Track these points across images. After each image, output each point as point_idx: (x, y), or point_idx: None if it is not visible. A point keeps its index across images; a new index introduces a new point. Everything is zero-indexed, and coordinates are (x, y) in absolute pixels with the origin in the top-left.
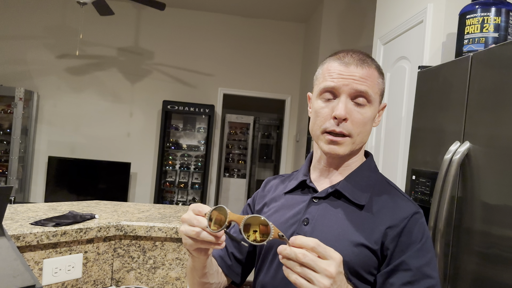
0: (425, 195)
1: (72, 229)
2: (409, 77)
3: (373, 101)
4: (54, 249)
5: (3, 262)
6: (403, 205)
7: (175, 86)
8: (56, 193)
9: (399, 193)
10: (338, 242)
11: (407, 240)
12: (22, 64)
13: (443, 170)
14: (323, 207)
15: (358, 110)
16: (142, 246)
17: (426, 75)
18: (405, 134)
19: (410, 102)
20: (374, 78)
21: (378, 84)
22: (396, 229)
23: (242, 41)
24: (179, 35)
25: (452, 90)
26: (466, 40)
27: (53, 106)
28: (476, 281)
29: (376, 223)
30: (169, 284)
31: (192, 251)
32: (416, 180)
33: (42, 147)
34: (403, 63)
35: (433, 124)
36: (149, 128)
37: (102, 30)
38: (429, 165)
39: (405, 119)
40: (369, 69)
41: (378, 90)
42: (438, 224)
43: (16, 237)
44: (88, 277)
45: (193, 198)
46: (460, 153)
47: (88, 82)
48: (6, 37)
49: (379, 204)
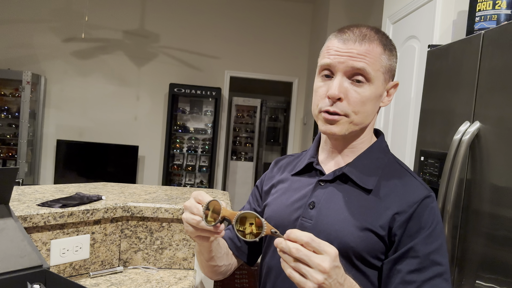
0: (433, 176)
1: (78, 210)
2: (419, 57)
3: (373, 79)
4: (62, 230)
5: (10, 242)
6: (413, 189)
7: (182, 69)
8: (65, 176)
9: (410, 176)
10: (343, 226)
11: (416, 226)
12: (29, 48)
13: (452, 151)
14: (329, 191)
15: (356, 89)
16: (149, 227)
17: (436, 55)
18: (414, 115)
19: (420, 82)
20: (376, 54)
21: (380, 61)
22: (405, 215)
23: (249, 22)
24: (185, 17)
25: (462, 69)
26: (478, 17)
27: (60, 90)
28: (483, 263)
29: (383, 208)
30: (176, 264)
31: (194, 238)
32: (425, 161)
33: (51, 130)
34: (412, 43)
35: (442, 105)
36: (156, 111)
37: (108, 13)
38: (438, 145)
39: (414, 100)
40: (370, 44)
41: (380, 67)
42: (446, 205)
43: (23, 218)
44: (95, 258)
45: (201, 181)
46: (470, 134)
47: (95, 66)
48: (13, 21)
49: (387, 188)
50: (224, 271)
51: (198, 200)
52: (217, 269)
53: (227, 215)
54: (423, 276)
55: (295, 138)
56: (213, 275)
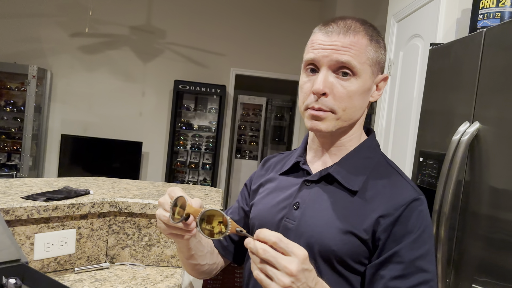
0: (432, 178)
1: (64, 204)
2: (422, 56)
3: (359, 72)
4: (46, 224)
5: None
6: (401, 191)
7: (187, 65)
8: (70, 171)
9: (400, 177)
10: (326, 228)
11: (402, 230)
12: (36, 42)
13: (451, 152)
14: (314, 191)
15: (342, 83)
16: (137, 223)
17: (438, 53)
18: (415, 115)
19: (422, 82)
20: (361, 46)
21: (366, 53)
22: (390, 218)
23: (255, 20)
24: (192, 13)
25: (463, 68)
26: (481, 15)
27: (66, 84)
28: (480, 266)
29: (368, 210)
30: (164, 262)
31: (167, 235)
32: (424, 162)
33: (56, 125)
34: (416, 41)
35: (443, 105)
36: (161, 108)
37: (114, 8)
38: (437, 146)
39: (416, 99)
40: (354, 36)
41: (366, 59)
42: (443, 207)
43: (5, 211)
44: (81, 253)
45: (204, 178)
46: (469, 134)
47: (101, 61)
48: (19, 15)
49: (374, 190)
50: (208, 270)
51: (171, 196)
52: (199, 268)
53: (192, 212)
54: (407, 283)
55: (300, 137)
56: (196, 274)
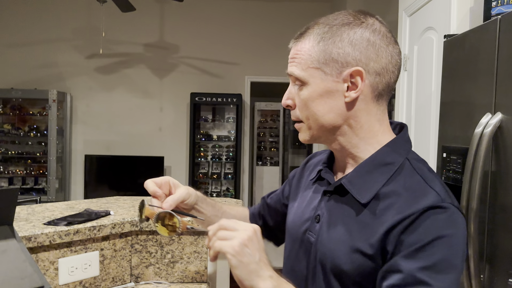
0: (457, 173)
1: (85, 227)
2: (437, 48)
3: (305, 79)
4: (69, 248)
5: (11, 264)
6: (418, 199)
7: (202, 77)
8: (96, 191)
9: (423, 183)
10: (338, 246)
11: (409, 238)
12: (54, 67)
13: (474, 145)
14: (331, 203)
15: (299, 93)
16: (159, 241)
17: (452, 44)
18: (435, 109)
19: (440, 75)
20: (304, 51)
21: (310, 56)
22: (399, 228)
23: (266, 26)
24: (202, 25)
25: (479, 58)
26: (495, 2)
27: (86, 106)
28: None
29: (377, 223)
30: (189, 278)
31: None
32: (447, 158)
33: (79, 146)
34: (430, 34)
35: (461, 97)
36: (180, 121)
37: (127, 27)
38: (460, 140)
39: (435, 93)
40: (301, 43)
41: (310, 62)
42: (470, 202)
43: (28, 238)
44: (106, 275)
45: (227, 188)
46: (491, 126)
47: (118, 80)
48: (36, 42)
49: (388, 200)
50: None
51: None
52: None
53: (148, 215)
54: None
55: None
56: None
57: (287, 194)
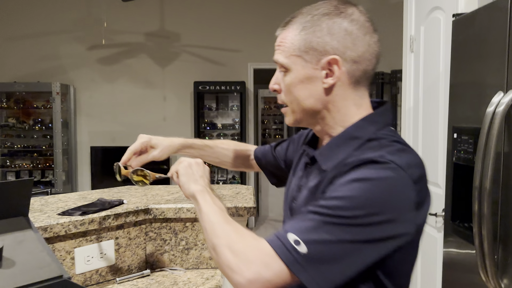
0: (468, 154)
1: (99, 216)
2: (445, 28)
3: (288, 66)
4: (84, 238)
5: (29, 254)
6: (359, 154)
7: (205, 66)
8: (102, 182)
9: (377, 147)
10: (302, 210)
11: (338, 181)
12: (56, 59)
13: (486, 124)
14: (308, 173)
15: (283, 78)
16: (173, 228)
17: (461, 24)
18: (444, 90)
19: (447, 55)
20: (288, 39)
21: (292, 44)
22: (335, 174)
23: (269, 11)
24: (204, 13)
25: (490, 36)
26: None
27: (89, 97)
28: None
29: (326, 182)
30: (203, 264)
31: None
32: (458, 138)
33: (84, 138)
34: (437, 14)
35: (472, 76)
36: (184, 110)
37: (128, 17)
38: (471, 120)
39: (443, 74)
40: (285, 31)
41: (293, 50)
42: (484, 182)
43: (44, 229)
44: (122, 263)
45: (233, 176)
46: (504, 104)
47: (120, 71)
48: (38, 34)
49: (341, 166)
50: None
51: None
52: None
53: (124, 173)
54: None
55: None
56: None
57: (290, 155)
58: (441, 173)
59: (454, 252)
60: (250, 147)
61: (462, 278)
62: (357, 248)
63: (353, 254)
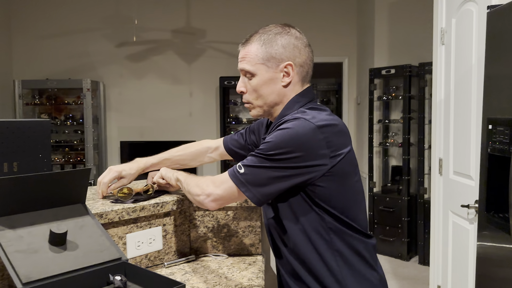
0: (504, 144)
1: (149, 204)
2: (477, 20)
3: (254, 72)
4: (135, 224)
5: (89, 238)
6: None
7: (230, 61)
8: None
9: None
10: None
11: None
12: (86, 56)
13: None
14: None
15: (249, 82)
16: (215, 216)
17: (497, 15)
18: (477, 82)
19: (480, 47)
20: (252, 52)
21: (257, 56)
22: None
23: (292, 5)
24: (229, 9)
25: None
26: None
27: (118, 93)
28: None
29: None
30: (244, 251)
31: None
32: (493, 130)
33: (114, 133)
34: (469, 6)
35: (508, 68)
36: (209, 105)
37: (155, 15)
38: (507, 111)
39: (476, 66)
40: (247, 46)
41: (258, 60)
42: None
43: (99, 215)
44: (168, 248)
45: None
46: None
47: (148, 67)
48: (68, 32)
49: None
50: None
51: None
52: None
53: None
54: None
55: (349, 119)
56: None
57: (255, 140)
58: (473, 165)
59: (488, 246)
60: (206, 144)
61: (497, 272)
62: (280, 174)
63: (278, 177)
